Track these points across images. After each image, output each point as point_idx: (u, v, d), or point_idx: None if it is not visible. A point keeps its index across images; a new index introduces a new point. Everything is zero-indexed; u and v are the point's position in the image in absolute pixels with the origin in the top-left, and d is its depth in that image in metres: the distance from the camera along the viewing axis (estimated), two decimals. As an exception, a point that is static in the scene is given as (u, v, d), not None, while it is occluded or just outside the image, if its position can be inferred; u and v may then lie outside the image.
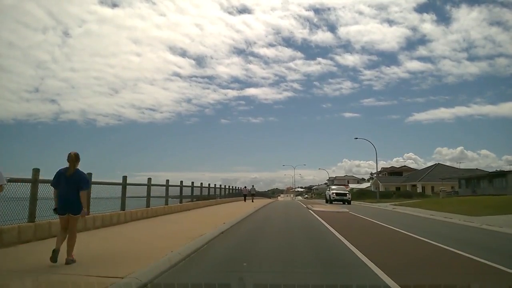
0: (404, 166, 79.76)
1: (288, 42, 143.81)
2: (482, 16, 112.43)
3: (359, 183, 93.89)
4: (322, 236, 10.01)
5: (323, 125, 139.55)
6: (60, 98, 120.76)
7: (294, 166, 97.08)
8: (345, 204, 33.54)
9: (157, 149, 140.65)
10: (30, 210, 7.20)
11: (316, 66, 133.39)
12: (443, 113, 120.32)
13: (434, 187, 56.80)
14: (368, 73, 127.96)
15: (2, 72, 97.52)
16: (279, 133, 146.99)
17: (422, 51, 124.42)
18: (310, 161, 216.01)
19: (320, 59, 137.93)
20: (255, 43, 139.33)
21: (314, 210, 21.82)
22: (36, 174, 7.36)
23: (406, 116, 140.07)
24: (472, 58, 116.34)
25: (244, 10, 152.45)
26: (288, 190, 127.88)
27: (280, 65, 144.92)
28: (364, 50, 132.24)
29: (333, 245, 8.23)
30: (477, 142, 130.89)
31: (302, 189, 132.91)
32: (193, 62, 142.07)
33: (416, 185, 59.86)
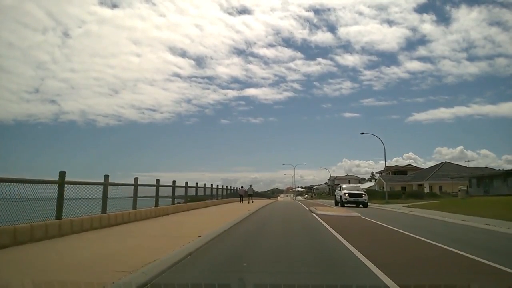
0: (408, 165, 76.81)
1: (288, 42, 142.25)
2: (481, 16, 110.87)
3: (360, 183, 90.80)
4: (343, 262, 6.51)
5: (323, 125, 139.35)
6: (60, 99, 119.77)
7: (294, 165, 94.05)
8: (360, 207, 27.15)
9: (157, 150, 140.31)
10: None
11: (316, 67, 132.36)
12: (443, 113, 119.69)
13: (443, 187, 54.03)
14: (368, 73, 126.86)
15: (2, 73, 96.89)
16: (279, 133, 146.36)
17: (422, 51, 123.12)
18: (310, 161, 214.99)
19: (320, 60, 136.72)
20: (255, 43, 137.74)
21: (318, 215, 18.35)
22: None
23: (406, 116, 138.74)
24: (471, 58, 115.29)
25: (244, 11, 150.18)
26: (288, 190, 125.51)
27: (280, 65, 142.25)
28: (364, 51, 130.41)
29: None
30: (477, 142, 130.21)
31: (302, 189, 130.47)
32: (193, 62, 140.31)
33: (423, 185, 56.92)
